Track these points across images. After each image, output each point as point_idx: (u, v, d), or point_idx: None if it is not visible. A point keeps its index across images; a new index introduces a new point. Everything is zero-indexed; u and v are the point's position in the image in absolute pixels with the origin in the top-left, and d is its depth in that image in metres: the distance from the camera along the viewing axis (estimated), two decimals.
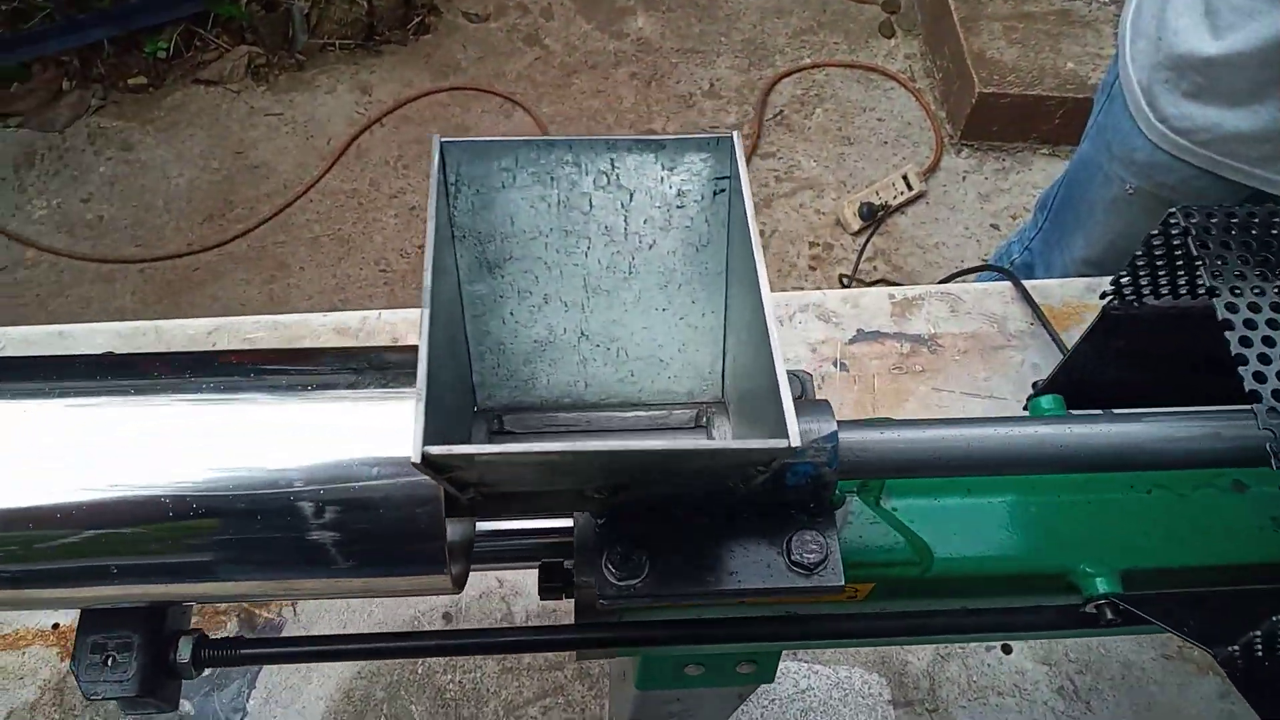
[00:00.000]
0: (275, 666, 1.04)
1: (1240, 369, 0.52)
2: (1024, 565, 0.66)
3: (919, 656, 1.05)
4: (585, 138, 0.50)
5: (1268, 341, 0.52)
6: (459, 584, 0.58)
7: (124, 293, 2.53)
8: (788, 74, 2.95)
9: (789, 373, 0.67)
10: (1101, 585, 0.64)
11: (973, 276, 2.03)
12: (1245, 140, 1.30)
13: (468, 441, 0.57)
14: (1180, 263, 0.67)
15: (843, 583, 0.59)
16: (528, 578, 1.09)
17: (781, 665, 1.05)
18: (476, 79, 2.86)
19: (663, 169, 0.51)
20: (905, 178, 2.76)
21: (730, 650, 0.78)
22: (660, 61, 2.92)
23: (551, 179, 0.51)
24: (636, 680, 0.81)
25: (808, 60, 2.98)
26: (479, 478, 0.46)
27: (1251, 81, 1.24)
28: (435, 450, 0.41)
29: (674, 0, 3.07)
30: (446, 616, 1.10)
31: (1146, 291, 0.71)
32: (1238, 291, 0.55)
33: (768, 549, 0.60)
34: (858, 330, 1.30)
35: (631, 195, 0.52)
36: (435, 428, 0.46)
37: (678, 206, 0.53)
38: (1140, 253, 0.67)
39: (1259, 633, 0.55)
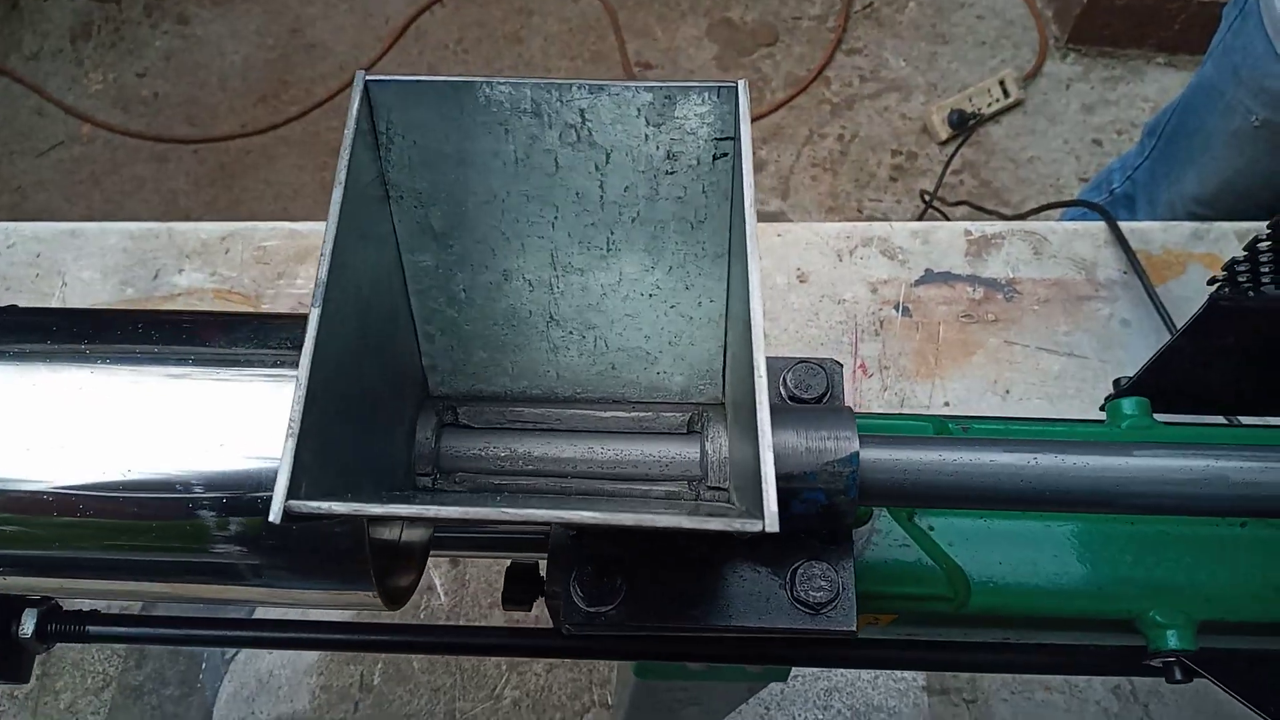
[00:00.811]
0: None
1: None
2: (1081, 607, 0.55)
3: None
4: (546, 80, 0.39)
5: None
6: (396, 599, 0.50)
7: (177, 174, 2.48)
8: None
9: (812, 362, 0.56)
10: (1173, 640, 0.54)
11: (1060, 212, 1.85)
12: None
13: (409, 436, 0.48)
14: None
15: (854, 627, 0.49)
16: None
17: None
18: None
19: (647, 124, 0.40)
20: (1002, 83, 2.52)
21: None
22: None
23: (506, 131, 0.40)
24: (634, 668, 0.74)
25: None
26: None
27: None
28: (303, 508, 0.32)
29: None
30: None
31: (1267, 279, 0.57)
32: None
33: (769, 580, 0.51)
34: (926, 270, 1.16)
35: (608, 155, 0.41)
36: (326, 454, 0.37)
37: (667, 172, 0.41)
38: (1265, 233, 0.53)
39: None
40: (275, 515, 0.32)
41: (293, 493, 0.33)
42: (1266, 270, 0.57)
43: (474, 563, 1.02)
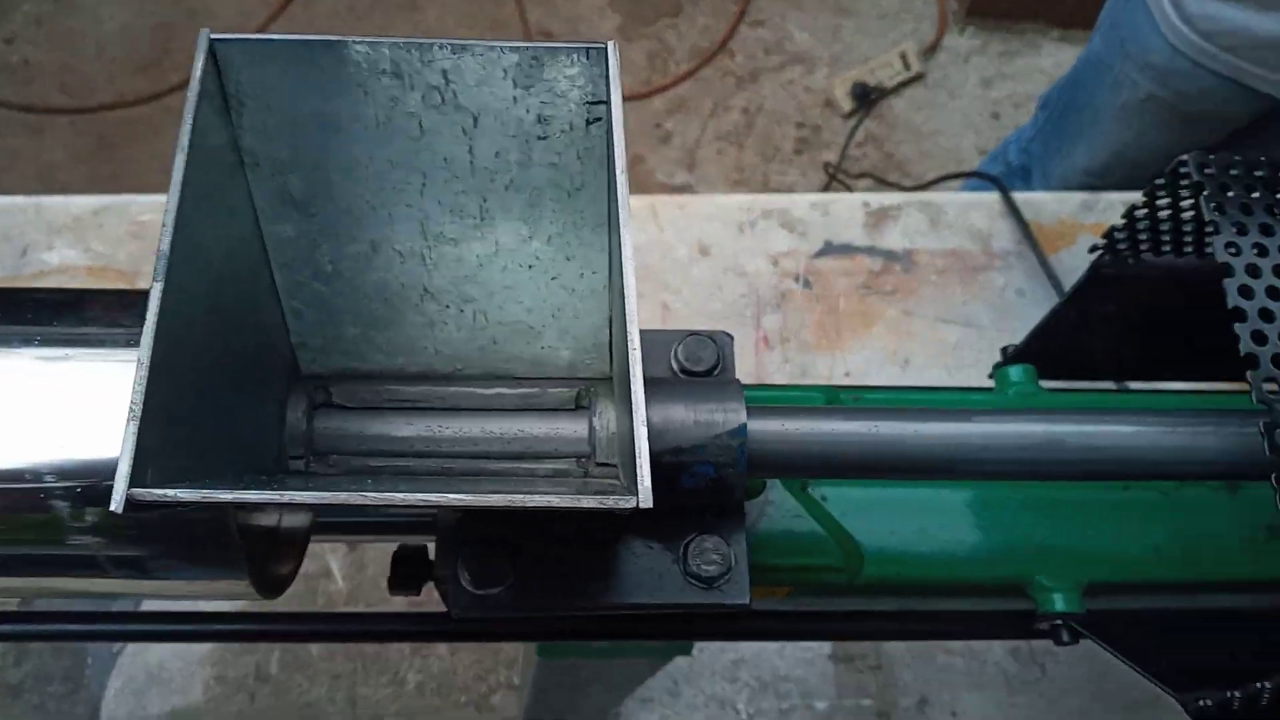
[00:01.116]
0: None
1: (1237, 325, 0.40)
2: (971, 573, 0.55)
3: None
4: (405, 40, 0.36)
5: (1272, 293, 0.41)
6: (275, 588, 0.47)
7: (54, 146, 2.35)
8: None
9: (702, 334, 0.54)
10: (1059, 603, 0.54)
11: (958, 183, 1.89)
12: (1278, 47, 1.14)
13: (280, 417, 0.46)
14: (1188, 215, 0.55)
15: (748, 600, 0.48)
16: None
17: None
18: None
19: (515, 86, 0.38)
20: (903, 56, 2.55)
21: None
22: None
23: (365, 93, 0.38)
24: (537, 648, 0.72)
25: None
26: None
27: None
28: (148, 495, 0.30)
29: None
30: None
31: (1145, 247, 0.58)
32: (1243, 230, 0.43)
33: (661, 555, 0.50)
34: (825, 242, 1.16)
35: (475, 119, 0.39)
36: (179, 438, 0.34)
37: (539, 138, 0.39)
38: (1141, 202, 0.54)
39: (1238, 694, 0.45)
40: (117, 504, 0.29)
41: (137, 480, 0.30)
42: (1144, 238, 0.57)
43: (372, 546, 0.99)
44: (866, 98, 2.49)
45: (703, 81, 2.52)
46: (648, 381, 0.48)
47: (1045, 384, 0.61)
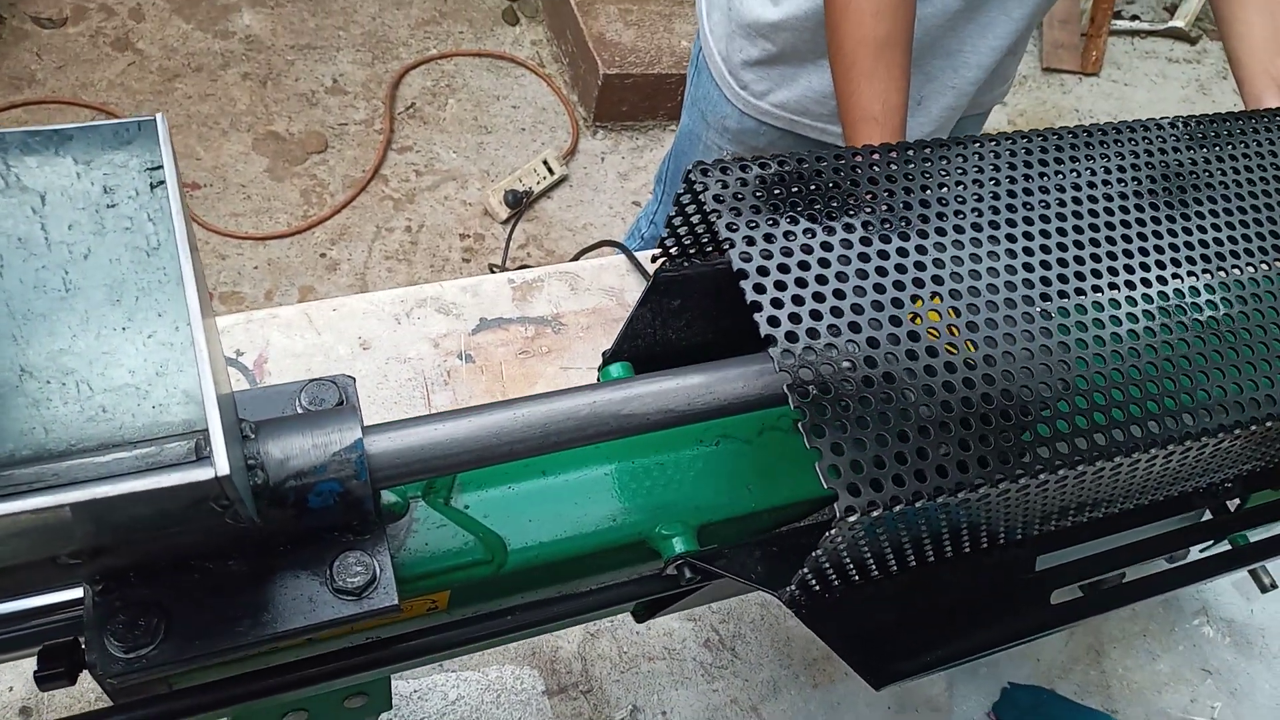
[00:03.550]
0: None
1: (756, 315, 0.52)
2: (601, 540, 0.64)
3: (569, 640, 1.03)
4: None
5: (779, 286, 0.53)
6: None
7: None
8: (415, 65, 2.86)
9: (324, 380, 0.60)
10: (678, 545, 0.64)
11: (594, 254, 2.07)
12: (816, 99, 1.40)
13: None
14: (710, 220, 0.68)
15: (396, 601, 0.53)
16: None
17: (428, 679, 1.00)
18: (59, 90, 2.52)
19: (76, 163, 0.43)
20: (546, 162, 2.77)
21: (327, 688, 0.70)
22: (275, 59, 2.73)
23: None
24: None
25: (434, 51, 2.90)
26: None
27: (812, 41, 1.32)
28: None
29: None
30: (25, 712, 0.93)
31: (693, 251, 0.71)
32: (750, 241, 0.55)
33: (309, 580, 0.54)
34: (480, 319, 1.25)
35: (43, 198, 0.43)
36: None
37: (109, 206, 0.44)
38: (674, 212, 0.66)
39: (806, 570, 0.56)
40: None
41: None
42: (688, 243, 0.70)
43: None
44: (520, 203, 2.67)
45: (361, 209, 2.59)
46: (267, 422, 0.53)
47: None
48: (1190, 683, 1.15)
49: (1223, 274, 0.61)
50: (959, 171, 0.61)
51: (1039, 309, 0.55)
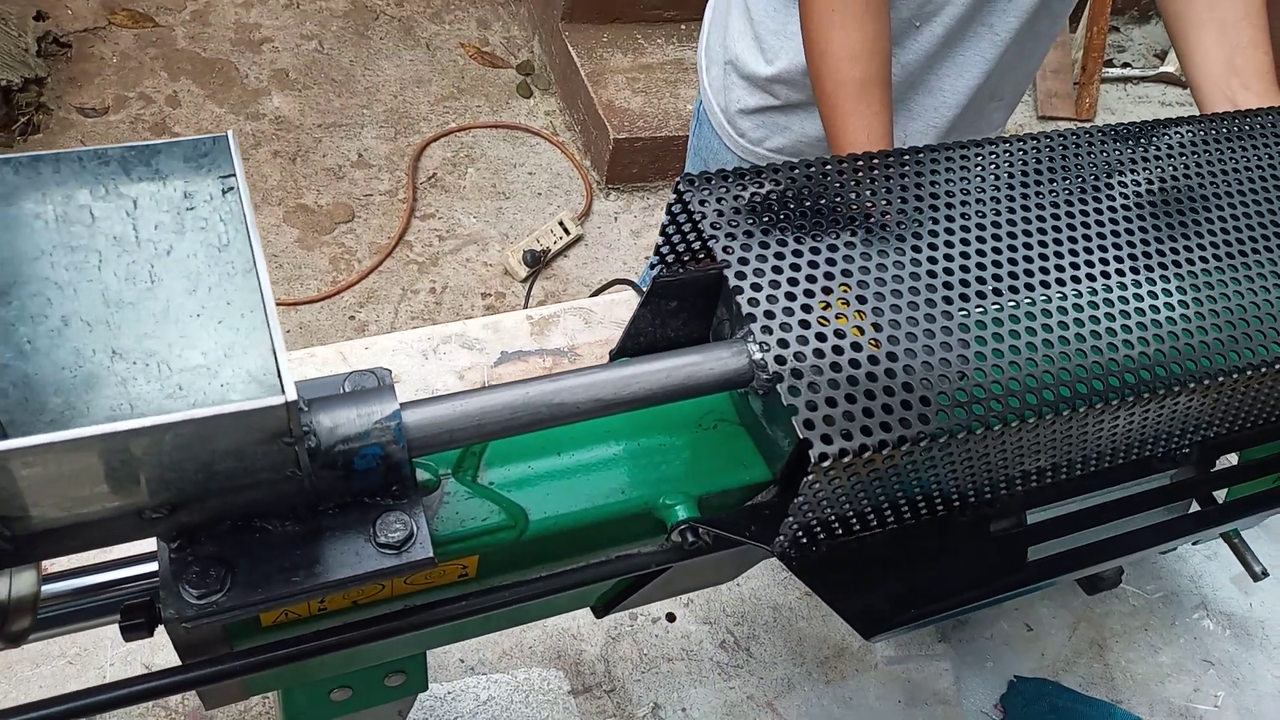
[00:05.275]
0: None
1: (752, 326, 0.60)
2: (610, 510, 0.71)
3: (591, 643, 1.10)
4: (67, 151, 0.50)
5: (771, 299, 0.61)
6: (14, 640, 0.54)
7: None
8: (436, 138, 3.01)
9: (364, 370, 0.69)
10: (681, 512, 0.71)
11: (607, 292, 2.17)
12: (810, 143, 1.50)
13: None
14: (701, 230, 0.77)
15: (432, 554, 0.61)
16: None
17: (460, 681, 1.06)
18: None
19: (161, 172, 0.52)
20: (562, 223, 2.89)
21: (372, 665, 0.78)
22: (303, 137, 2.88)
23: (43, 195, 0.50)
24: (283, 718, 0.79)
25: (454, 124, 3.06)
26: None
27: (805, 92, 1.42)
28: None
29: (308, 78, 3.05)
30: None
31: (687, 258, 0.80)
32: (744, 260, 0.63)
33: (355, 537, 0.62)
34: (501, 352, 1.34)
35: (135, 201, 0.52)
36: None
37: (188, 208, 0.53)
38: (666, 221, 0.75)
39: (791, 518, 0.63)
40: None
41: None
42: (682, 251, 0.79)
43: None
44: (538, 262, 2.78)
45: (387, 273, 2.71)
46: (318, 398, 0.61)
47: None
48: (1193, 674, 1.19)
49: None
50: (890, 182, 0.69)
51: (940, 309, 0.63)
